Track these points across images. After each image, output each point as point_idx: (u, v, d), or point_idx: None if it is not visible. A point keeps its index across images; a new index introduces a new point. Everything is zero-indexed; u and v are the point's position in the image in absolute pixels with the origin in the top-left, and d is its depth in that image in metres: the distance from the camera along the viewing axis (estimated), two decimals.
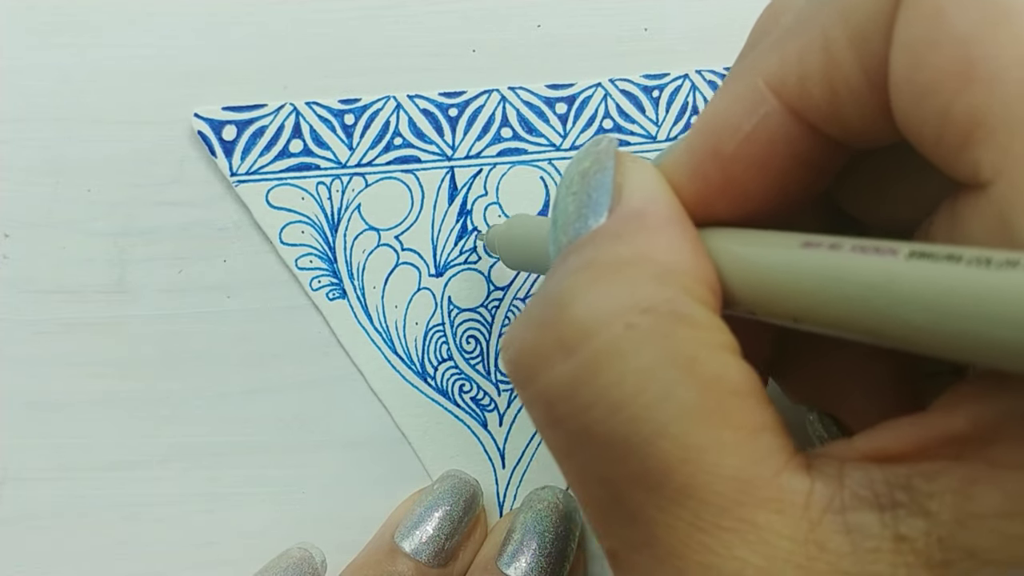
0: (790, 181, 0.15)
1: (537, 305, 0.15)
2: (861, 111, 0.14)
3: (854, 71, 0.14)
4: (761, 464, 0.13)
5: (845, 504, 0.12)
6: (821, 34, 0.14)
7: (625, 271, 0.14)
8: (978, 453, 0.12)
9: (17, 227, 0.29)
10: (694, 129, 0.16)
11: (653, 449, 0.13)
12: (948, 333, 0.11)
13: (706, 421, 0.13)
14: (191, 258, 0.29)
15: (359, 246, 0.28)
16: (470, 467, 0.28)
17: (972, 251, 0.11)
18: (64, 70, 0.29)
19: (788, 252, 0.14)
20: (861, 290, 0.12)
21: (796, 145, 0.15)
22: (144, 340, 0.28)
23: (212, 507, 0.28)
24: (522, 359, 0.15)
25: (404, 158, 0.29)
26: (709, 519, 0.13)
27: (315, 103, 0.29)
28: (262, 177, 0.28)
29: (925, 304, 0.11)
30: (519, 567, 0.25)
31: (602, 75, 0.29)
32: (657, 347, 0.13)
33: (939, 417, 0.13)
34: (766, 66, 0.15)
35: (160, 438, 0.28)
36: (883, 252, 0.12)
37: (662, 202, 0.15)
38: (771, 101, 0.15)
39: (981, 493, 0.11)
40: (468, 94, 0.29)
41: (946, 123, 0.12)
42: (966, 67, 0.12)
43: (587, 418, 0.13)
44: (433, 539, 0.26)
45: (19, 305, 0.28)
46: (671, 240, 0.14)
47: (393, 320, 0.28)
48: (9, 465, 0.28)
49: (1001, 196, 0.12)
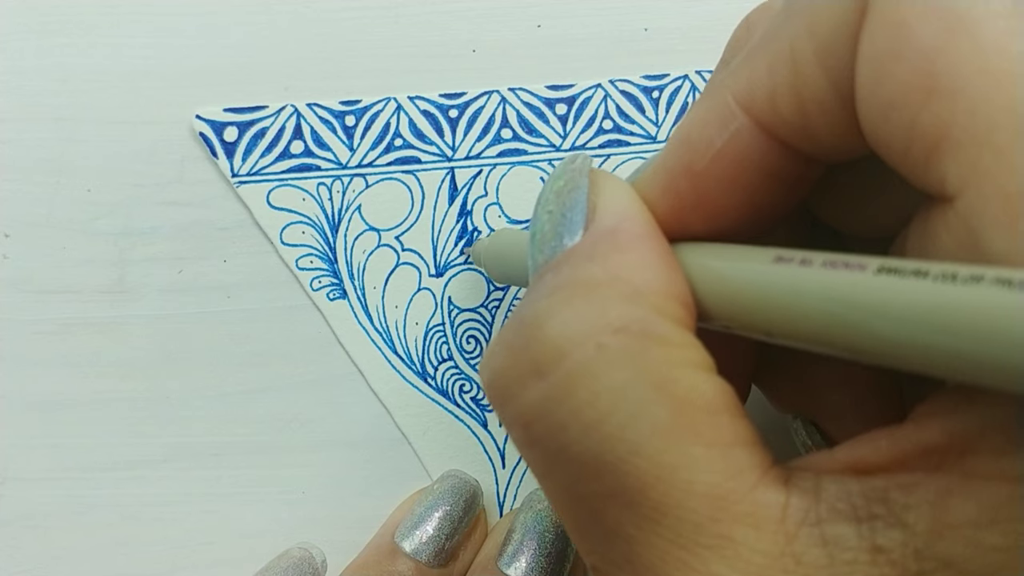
0: (763, 195, 0.16)
1: (511, 327, 0.15)
2: (830, 125, 0.14)
3: (822, 85, 0.14)
4: (735, 479, 0.13)
5: (821, 516, 0.12)
6: (789, 49, 0.14)
7: (597, 291, 0.14)
8: (954, 464, 0.12)
9: (17, 227, 0.29)
10: (668, 145, 0.16)
11: (628, 467, 0.13)
12: (917, 348, 0.11)
13: (679, 439, 0.13)
14: (191, 258, 0.29)
15: (359, 246, 0.28)
16: (470, 467, 0.28)
17: (939, 266, 0.11)
18: (64, 70, 0.29)
19: (760, 267, 0.14)
20: (831, 305, 0.12)
21: (767, 160, 0.15)
22: (144, 340, 0.28)
23: (212, 507, 0.28)
24: (497, 381, 0.15)
25: (404, 159, 0.29)
26: (686, 535, 0.13)
27: (316, 104, 0.29)
28: (263, 178, 0.28)
29: (893, 319, 0.11)
30: (519, 567, 0.25)
31: (602, 75, 0.29)
32: (629, 366, 0.13)
33: (916, 429, 0.13)
34: (736, 82, 0.15)
35: (160, 438, 0.28)
36: (852, 267, 0.12)
37: (635, 219, 0.15)
38: (741, 118, 0.15)
39: (956, 504, 0.12)
40: (468, 95, 0.29)
41: (912, 136, 0.12)
42: (929, 80, 0.12)
43: (562, 438, 0.14)
44: (433, 539, 0.26)
45: (19, 305, 0.28)
46: (643, 258, 0.15)
47: (393, 320, 0.29)
48: (9, 465, 0.28)
49: (968, 209, 0.12)
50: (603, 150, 0.29)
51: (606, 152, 0.29)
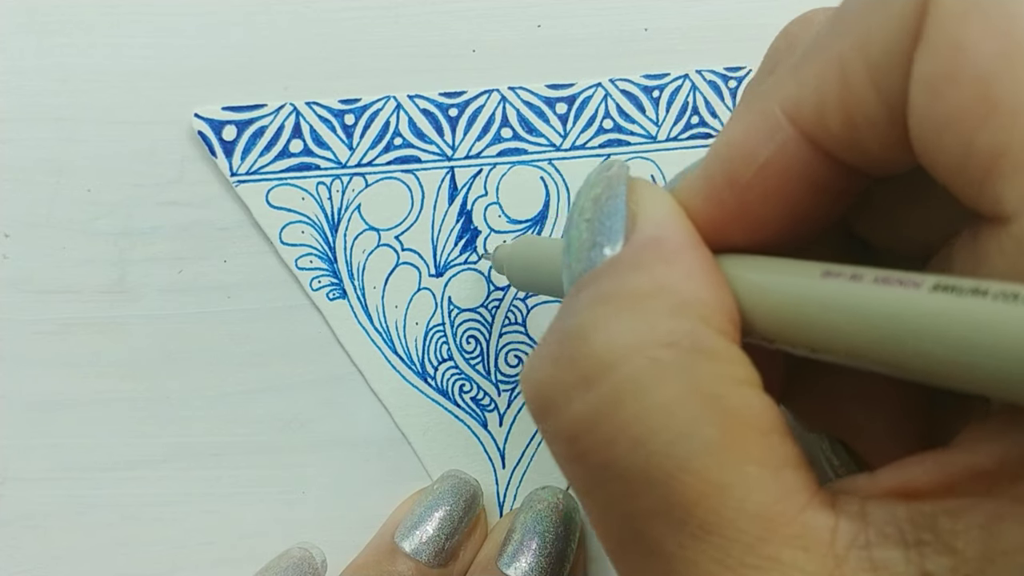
0: (806, 208, 0.15)
1: (555, 339, 0.15)
2: (879, 141, 0.14)
3: (873, 102, 0.13)
4: (785, 501, 0.13)
5: (870, 540, 0.12)
6: (839, 64, 0.14)
7: (644, 303, 0.14)
8: (1005, 489, 0.12)
9: (17, 227, 0.29)
10: (710, 155, 0.16)
11: (676, 484, 0.13)
12: (973, 368, 0.11)
13: (729, 457, 0.13)
14: (191, 258, 0.29)
15: (359, 246, 0.28)
16: (470, 467, 0.28)
17: (998, 285, 0.11)
18: (64, 70, 0.29)
19: (807, 282, 0.13)
20: (883, 322, 0.12)
21: (813, 173, 0.15)
22: (144, 340, 0.28)
23: (212, 507, 0.28)
24: (543, 393, 0.15)
25: (404, 158, 0.29)
26: (734, 556, 0.12)
27: (315, 103, 0.29)
28: (262, 177, 0.28)
29: (950, 339, 0.11)
30: (519, 567, 0.25)
31: (602, 75, 0.29)
32: (679, 382, 0.13)
33: (964, 452, 0.12)
34: (783, 93, 0.15)
35: (160, 438, 0.28)
36: (906, 284, 0.12)
37: (678, 229, 0.15)
38: (788, 129, 0.14)
39: (1008, 529, 0.11)
40: (468, 94, 0.29)
41: (968, 156, 0.12)
42: (987, 102, 0.12)
43: (609, 453, 0.13)
44: (433, 539, 0.26)
45: (19, 305, 0.28)
46: (689, 269, 0.14)
47: (393, 320, 0.28)
48: (9, 465, 0.28)
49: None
50: (603, 149, 0.29)
51: (606, 152, 0.29)
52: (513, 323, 0.29)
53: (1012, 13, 0.12)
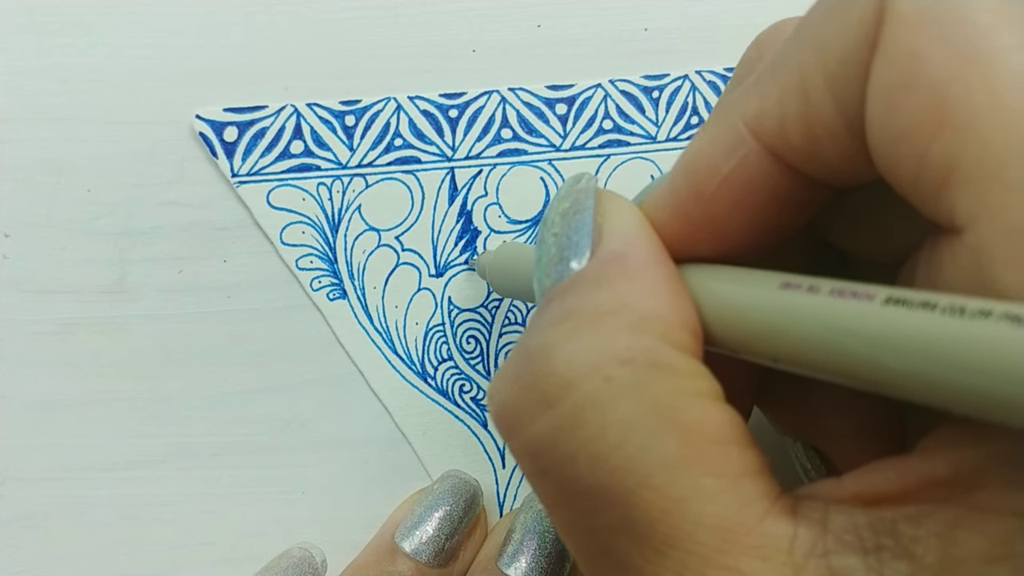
0: (771, 218, 0.16)
1: (519, 358, 0.15)
2: (840, 153, 0.14)
3: (831, 114, 0.14)
4: (744, 511, 0.13)
5: (829, 548, 0.12)
6: (799, 76, 0.14)
7: (604, 321, 0.14)
8: (961, 498, 0.12)
9: (17, 227, 0.29)
10: (676, 168, 0.16)
11: (636, 500, 0.13)
12: (923, 380, 0.11)
13: (687, 470, 0.13)
14: (191, 258, 0.29)
15: (359, 246, 0.28)
16: (470, 467, 0.28)
17: (947, 299, 0.11)
18: (64, 70, 0.29)
19: (766, 293, 0.14)
20: (837, 334, 0.12)
21: (776, 185, 0.15)
22: (144, 340, 0.28)
23: (212, 507, 0.28)
24: (505, 412, 0.15)
25: (404, 159, 0.29)
26: (694, 568, 0.13)
27: (316, 104, 0.29)
28: (263, 178, 0.28)
29: (900, 351, 0.11)
30: (519, 567, 0.25)
31: (602, 75, 0.29)
32: (636, 398, 0.13)
33: (923, 461, 0.12)
34: (745, 107, 0.15)
35: (160, 438, 0.28)
36: (860, 296, 0.12)
37: (642, 244, 0.15)
38: (750, 143, 0.15)
39: (965, 538, 0.11)
40: (468, 95, 0.29)
41: (922, 168, 0.12)
42: (941, 113, 0.12)
43: (571, 470, 0.14)
44: (433, 539, 0.26)
45: (19, 305, 0.28)
46: (651, 285, 0.15)
47: (393, 320, 0.29)
48: (9, 465, 0.28)
49: (976, 242, 0.12)
50: (603, 150, 0.29)
51: (606, 152, 0.29)
52: (513, 323, 0.29)
53: (966, 21, 0.12)
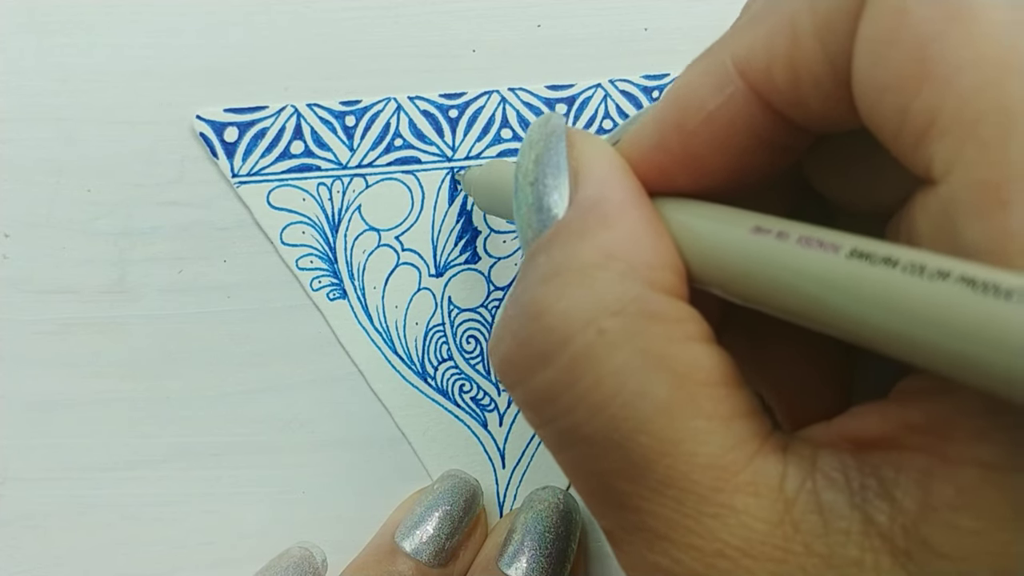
0: (752, 159, 0.16)
1: (514, 314, 0.15)
2: (824, 99, 0.14)
3: (818, 61, 0.14)
4: (736, 450, 0.13)
5: (817, 485, 0.13)
6: (789, 21, 0.14)
7: (591, 274, 0.14)
8: (935, 445, 0.12)
9: (17, 227, 0.29)
10: (662, 100, 0.16)
11: (633, 445, 0.13)
12: (881, 334, 0.11)
13: (680, 413, 0.13)
14: (191, 258, 0.29)
15: (359, 246, 0.28)
16: (470, 467, 0.28)
17: (909, 255, 0.11)
18: (64, 70, 0.29)
19: (738, 235, 0.14)
20: (801, 283, 0.12)
21: (758, 126, 0.15)
22: (144, 340, 0.28)
23: (212, 507, 0.28)
24: (507, 367, 0.15)
25: (404, 159, 0.29)
26: (690, 505, 0.13)
27: (316, 105, 0.29)
28: (263, 178, 0.28)
29: (860, 304, 0.11)
30: (520, 567, 0.25)
31: (602, 75, 0.29)
32: (628, 348, 0.14)
33: (900, 406, 0.13)
34: (735, 46, 0.15)
35: (160, 438, 0.28)
36: (826, 247, 0.12)
37: (620, 186, 0.16)
38: (736, 82, 0.15)
39: (937, 486, 0.12)
40: (468, 95, 0.29)
41: (904, 119, 0.12)
42: (923, 66, 0.12)
43: (571, 420, 0.14)
44: (433, 539, 0.26)
45: (19, 305, 0.28)
46: (633, 230, 0.15)
47: (393, 320, 0.29)
48: (9, 465, 0.28)
49: (948, 195, 0.12)
50: None
51: None
52: None
53: None
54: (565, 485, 0.28)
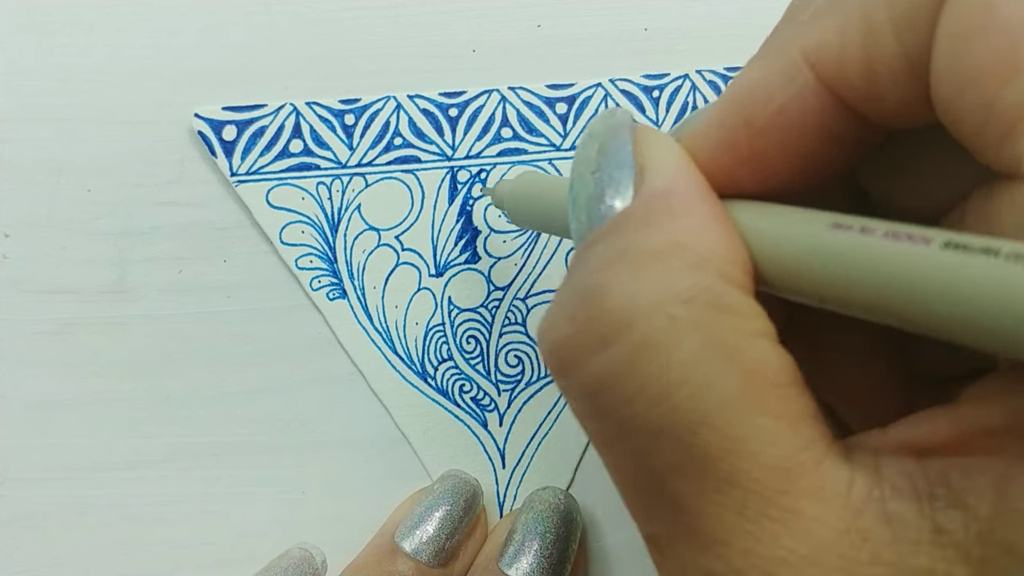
0: (819, 157, 0.15)
1: (572, 296, 0.15)
2: (899, 95, 0.14)
3: (895, 55, 0.13)
4: (803, 453, 0.13)
5: (885, 494, 0.12)
6: (863, 14, 0.14)
7: (660, 260, 0.14)
8: (1015, 447, 0.12)
9: (17, 227, 0.29)
10: (724, 98, 0.16)
11: (696, 439, 0.13)
12: (982, 327, 0.11)
13: (749, 410, 0.13)
14: (191, 258, 0.29)
15: (359, 246, 0.28)
16: (470, 467, 0.28)
17: (1010, 244, 0.10)
18: (64, 70, 0.29)
19: (817, 232, 0.13)
20: (893, 278, 0.12)
21: (829, 122, 0.15)
22: (144, 340, 0.28)
23: (212, 507, 0.28)
24: (561, 351, 0.15)
25: (404, 158, 0.29)
26: (753, 507, 0.12)
27: (315, 103, 0.29)
28: (262, 177, 0.28)
29: (960, 297, 0.11)
30: (520, 568, 0.25)
31: (602, 75, 0.29)
32: (698, 338, 0.13)
33: (973, 409, 0.12)
34: (804, 40, 0.15)
35: (160, 438, 0.28)
36: (916, 240, 0.12)
37: (687, 181, 0.15)
38: (807, 75, 0.14)
39: (1019, 489, 0.11)
40: (468, 94, 0.29)
41: (990, 114, 0.12)
42: (1012, 61, 0.12)
43: (630, 409, 0.13)
44: (433, 539, 0.26)
45: (19, 305, 0.28)
46: (702, 223, 0.14)
47: (393, 320, 0.28)
48: (9, 465, 0.28)
49: None
50: None
51: None
52: (513, 323, 0.29)
53: None
54: (565, 485, 0.28)
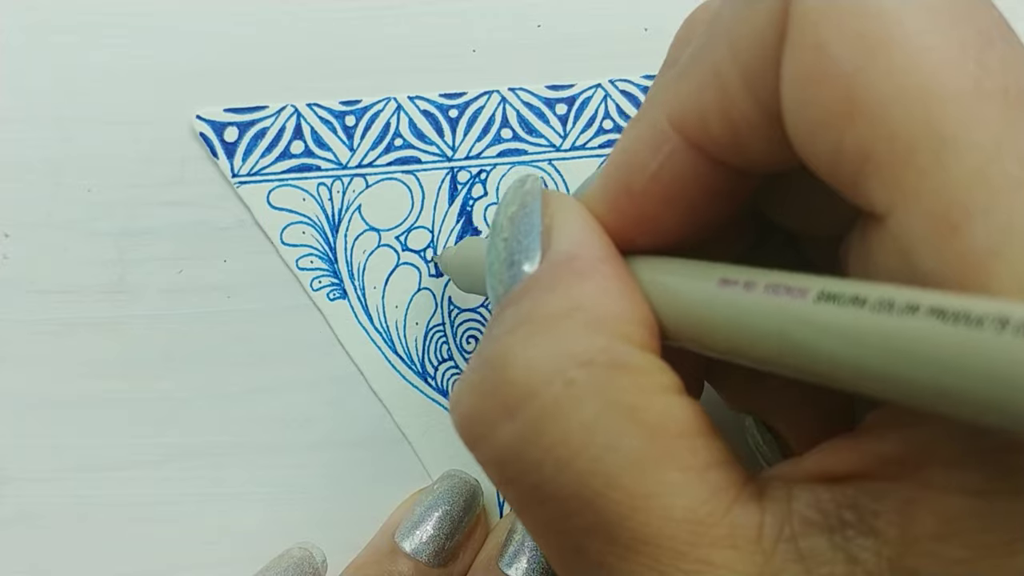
0: (704, 209, 0.16)
1: (478, 367, 0.15)
2: (761, 143, 0.14)
3: (749, 106, 0.14)
4: (711, 502, 0.13)
5: (795, 531, 0.12)
6: (715, 72, 0.14)
7: (560, 325, 0.14)
8: (913, 475, 0.12)
9: (17, 227, 0.29)
10: (607, 165, 0.16)
11: (605, 501, 0.13)
12: (858, 374, 0.11)
13: (653, 467, 0.13)
14: (191, 258, 0.29)
15: (360, 246, 0.28)
16: (470, 467, 0.28)
17: (876, 292, 0.11)
18: (64, 70, 0.29)
19: (705, 289, 0.14)
20: (773, 332, 0.12)
21: (703, 178, 0.15)
22: (144, 340, 0.28)
23: (212, 507, 0.28)
24: (467, 423, 0.15)
25: (405, 159, 0.29)
26: (666, 562, 0.13)
27: (316, 104, 0.29)
28: (263, 178, 0.28)
29: (834, 347, 0.11)
30: (520, 567, 0.25)
31: (602, 75, 0.29)
32: (598, 399, 0.13)
33: (873, 439, 0.13)
34: (668, 103, 0.15)
35: (160, 438, 0.28)
36: (793, 293, 0.12)
37: (591, 243, 0.15)
38: (674, 139, 0.15)
39: (918, 515, 0.11)
40: (468, 95, 0.29)
41: (839, 157, 0.12)
42: (849, 103, 0.12)
43: (537, 476, 0.14)
44: (433, 539, 0.26)
45: (19, 305, 0.28)
46: (603, 285, 0.15)
47: (393, 320, 0.29)
48: (9, 465, 0.28)
49: (898, 228, 0.12)
50: (603, 150, 0.29)
51: (606, 152, 0.29)
52: None
53: (868, 10, 0.12)
54: None
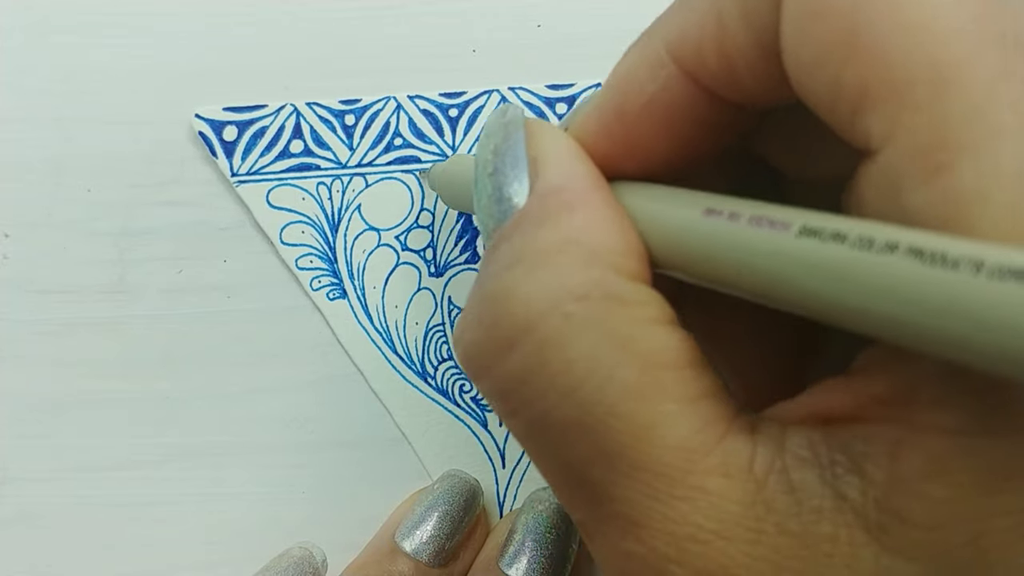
0: (695, 140, 0.16)
1: (478, 302, 0.15)
2: (756, 79, 0.14)
3: (747, 43, 0.14)
4: (704, 432, 0.13)
5: (787, 464, 0.13)
6: (714, 4, 0.14)
7: (554, 259, 0.14)
8: (901, 416, 0.12)
9: (17, 227, 0.29)
10: (602, 89, 0.16)
11: (604, 429, 0.13)
12: (837, 308, 0.11)
13: (649, 397, 0.13)
14: (191, 258, 0.29)
15: (359, 246, 0.28)
16: (470, 467, 0.28)
17: (857, 228, 0.11)
18: (64, 70, 0.29)
19: (691, 217, 0.14)
20: (755, 263, 0.13)
21: (697, 108, 0.15)
22: (144, 340, 0.28)
23: (212, 507, 0.28)
24: (472, 357, 0.15)
25: (404, 158, 0.29)
26: (662, 490, 0.13)
27: (315, 104, 0.29)
28: (263, 177, 0.28)
29: (812, 282, 0.12)
30: (520, 568, 0.25)
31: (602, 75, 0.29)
32: (594, 331, 0.14)
33: (863, 379, 0.13)
34: (667, 32, 0.15)
35: (160, 438, 0.28)
36: (776, 226, 0.12)
37: (579, 173, 0.16)
38: (670, 66, 0.15)
39: (906, 456, 0.12)
40: (468, 94, 0.29)
41: (837, 92, 0.12)
42: (850, 37, 0.12)
43: (541, 406, 0.14)
44: (433, 539, 0.26)
45: (19, 305, 0.28)
46: (594, 216, 0.15)
47: (393, 320, 0.28)
48: (9, 465, 0.28)
49: (888, 163, 0.12)
50: None
51: None
52: None
53: None
54: None
